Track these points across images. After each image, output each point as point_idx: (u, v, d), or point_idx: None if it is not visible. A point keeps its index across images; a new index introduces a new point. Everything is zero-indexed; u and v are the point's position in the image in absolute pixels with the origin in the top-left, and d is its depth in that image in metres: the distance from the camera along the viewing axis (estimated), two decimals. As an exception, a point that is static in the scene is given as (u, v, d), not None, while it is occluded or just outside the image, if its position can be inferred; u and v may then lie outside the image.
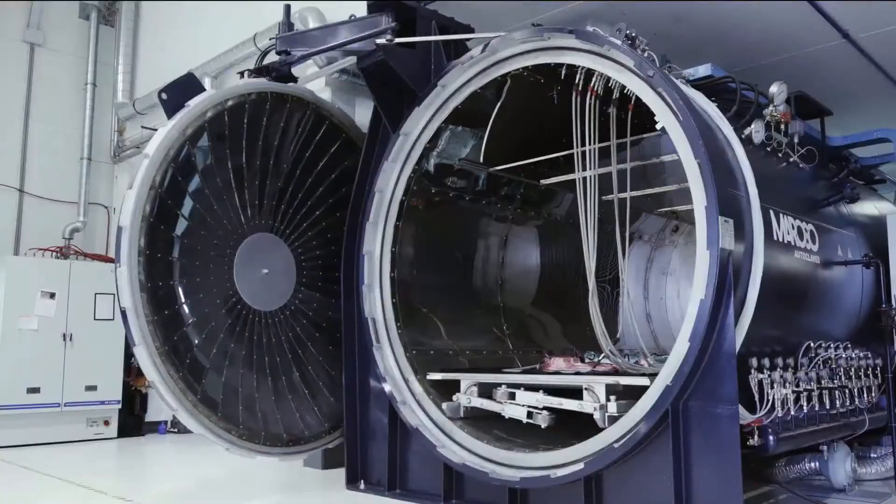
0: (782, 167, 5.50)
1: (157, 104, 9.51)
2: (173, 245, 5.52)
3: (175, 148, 5.44)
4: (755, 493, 5.41)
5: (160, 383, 5.19)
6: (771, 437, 4.43)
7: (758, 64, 7.50)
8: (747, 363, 4.50)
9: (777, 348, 4.98)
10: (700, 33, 6.99)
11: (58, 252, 9.54)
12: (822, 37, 7.00)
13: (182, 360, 5.37)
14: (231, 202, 5.76)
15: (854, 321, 6.03)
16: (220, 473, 6.94)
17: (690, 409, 4.17)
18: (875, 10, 6.48)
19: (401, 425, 5.58)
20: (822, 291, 5.58)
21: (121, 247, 5.18)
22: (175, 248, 5.52)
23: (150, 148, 5.30)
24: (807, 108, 6.42)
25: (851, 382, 5.40)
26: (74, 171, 10.18)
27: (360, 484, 5.85)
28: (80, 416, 9.11)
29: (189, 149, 5.51)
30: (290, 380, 5.95)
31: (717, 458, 4.05)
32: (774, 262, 4.78)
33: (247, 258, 5.81)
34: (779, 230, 4.89)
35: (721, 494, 4.01)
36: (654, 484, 4.23)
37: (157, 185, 5.35)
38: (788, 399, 4.57)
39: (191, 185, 5.59)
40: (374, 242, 5.94)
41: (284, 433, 5.80)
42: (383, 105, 5.93)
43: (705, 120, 4.68)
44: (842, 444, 5.51)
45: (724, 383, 4.05)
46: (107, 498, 5.75)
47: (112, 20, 10.75)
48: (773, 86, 5.20)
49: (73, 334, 9.07)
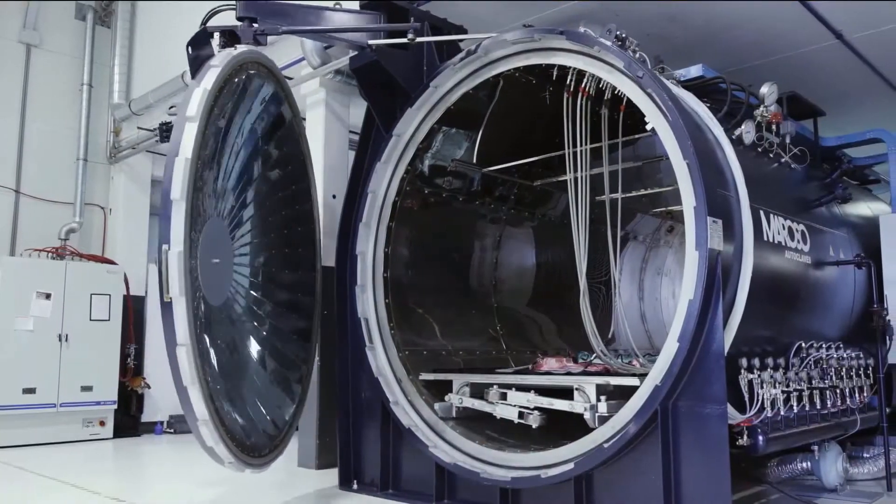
0: (773, 167, 5.51)
1: (153, 105, 9.61)
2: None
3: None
4: (746, 493, 5.42)
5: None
6: (760, 438, 4.44)
7: (752, 64, 7.51)
8: (737, 363, 4.51)
9: (768, 348, 4.99)
10: (694, 34, 6.98)
11: (53, 253, 9.54)
12: (816, 37, 6.99)
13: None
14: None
15: (846, 321, 6.04)
16: (215, 474, 6.95)
17: (679, 409, 4.18)
18: (868, 10, 6.48)
19: (393, 426, 5.59)
20: (814, 292, 5.58)
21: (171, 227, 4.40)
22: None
23: (191, 110, 4.55)
24: (799, 109, 6.44)
25: (843, 382, 5.41)
26: (70, 171, 10.17)
27: (353, 484, 5.86)
28: (75, 417, 9.11)
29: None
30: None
31: (706, 458, 4.05)
32: (764, 262, 4.79)
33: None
34: (769, 230, 4.90)
35: (710, 494, 4.02)
36: (644, 484, 4.24)
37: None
38: (778, 399, 4.57)
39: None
40: (366, 243, 5.94)
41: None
42: (376, 106, 5.93)
43: (695, 120, 4.69)
44: (833, 444, 5.52)
45: (713, 383, 4.06)
46: (101, 498, 5.75)
47: (108, 21, 10.75)
48: (763, 86, 5.21)
49: (68, 335, 9.07)
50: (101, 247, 10.47)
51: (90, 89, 10.37)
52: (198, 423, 4.44)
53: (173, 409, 10.18)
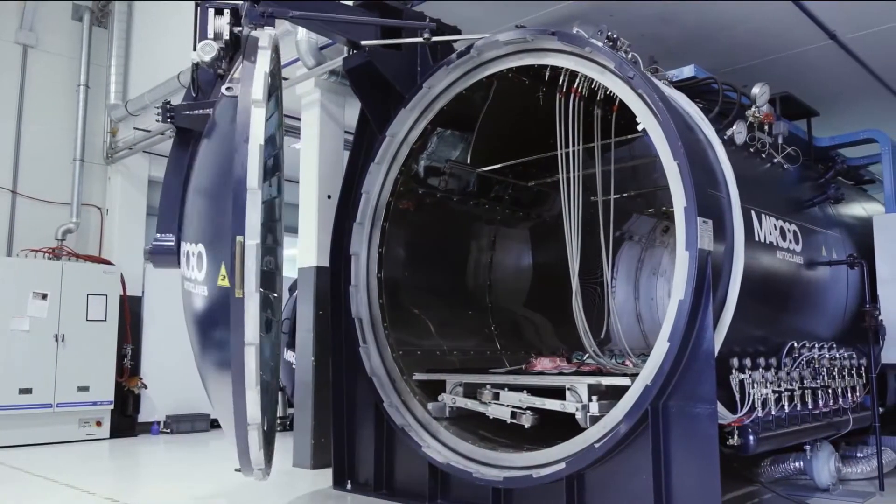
0: (766, 168, 5.52)
1: (150, 105, 9.60)
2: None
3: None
4: (739, 492, 5.43)
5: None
6: (751, 437, 4.45)
7: (746, 65, 7.52)
8: (728, 363, 4.52)
9: (760, 348, 5.00)
10: (688, 34, 6.99)
11: (50, 253, 9.56)
12: (810, 38, 6.99)
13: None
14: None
15: (839, 321, 6.05)
16: (210, 474, 6.97)
17: (670, 409, 4.19)
18: (862, 10, 6.49)
19: (387, 425, 5.60)
20: (806, 292, 5.60)
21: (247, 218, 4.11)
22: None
23: (256, 93, 4.30)
24: (793, 109, 6.45)
25: (835, 382, 5.42)
26: (67, 172, 10.19)
27: (347, 484, 5.87)
28: (72, 417, 9.12)
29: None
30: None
31: (697, 457, 4.06)
32: (756, 262, 4.80)
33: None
34: (760, 231, 4.91)
35: (700, 494, 4.03)
36: (635, 483, 4.25)
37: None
38: (769, 399, 4.59)
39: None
40: (360, 243, 5.95)
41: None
42: (369, 107, 5.95)
43: (686, 121, 4.70)
44: (826, 444, 5.53)
45: (703, 383, 4.06)
46: (95, 499, 5.76)
47: (105, 22, 10.77)
48: (755, 87, 5.22)
49: (65, 335, 9.08)
50: (99, 247, 10.47)
51: (87, 90, 10.39)
52: (248, 427, 4.25)
53: (170, 409, 10.22)
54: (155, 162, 10.72)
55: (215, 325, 4.29)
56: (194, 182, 4.61)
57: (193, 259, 4.32)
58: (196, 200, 4.54)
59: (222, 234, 4.17)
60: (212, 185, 4.43)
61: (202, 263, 4.26)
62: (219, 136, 4.45)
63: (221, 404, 4.42)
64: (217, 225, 4.26)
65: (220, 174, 4.33)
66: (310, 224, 7.26)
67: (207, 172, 4.50)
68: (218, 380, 4.36)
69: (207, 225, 4.38)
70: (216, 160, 4.44)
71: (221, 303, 4.15)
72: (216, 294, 4.19)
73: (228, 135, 4.29)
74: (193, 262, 4.32)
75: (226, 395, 4.24)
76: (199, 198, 4.52)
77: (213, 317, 4.27)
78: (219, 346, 4.27)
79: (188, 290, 4.40)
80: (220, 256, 4.17)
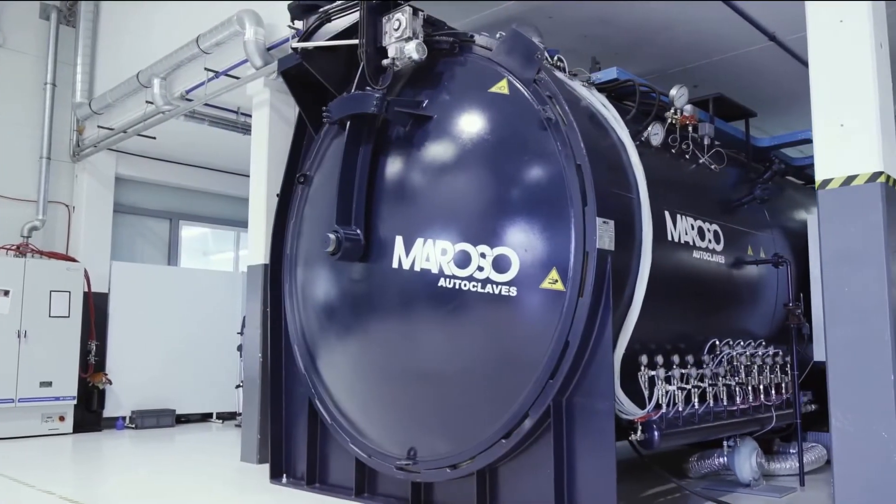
0: (689, 169, 5.60)
1: (114, 104, 9.70)
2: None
3: None
4: (659, 488, 5.53)
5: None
6: (656, 433, 4.54)
7: (690, 66, 7.60)
8: (637, 360, 4.61)
9: (680, 345, 5.10)
10: (630, 36, 7.06)
11: (14, 250, 9.66)
12: (750, 39, 7.07)
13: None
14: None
15: (769, 320, 6.14)
16: (169, 468, 7.07)
17: (574, 405, 4.29)
18: (799, 12, 6.54)
19: (319, 421, 5.71)
20: (730, 291, 5.68)
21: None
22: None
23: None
24: (728, 110, 6.51)
25: (756, 379, 5.51)
26: (34, 169, 10.28)
27: (283, 478, 5.97)
28: (34, 412, 9.23)
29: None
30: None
31: (595, 452, 4.16)
32: (667, 262, 4.89)
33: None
34: (674, 231, 5.00)
35: (598, 487, 4.13)
36: (541, 478, 4.35)
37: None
38: (677, 396, 4.68)
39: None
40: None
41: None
42: (305, 109, 6.02)
43: (598, 122, 4.78)
44: (748, 440, 5.62)
45: (601, 380, 4.16)
46: (55, 499, 5.76)
47: (72, 20, 10.85)
48: (673, 89, 5.30)
49: (27, 331, 9.19)
50: (66, 244, 10.57)
51: (53, 88, 10.47)
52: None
53: (136, 404, 10.33)
54: (122, 160, 10.83)
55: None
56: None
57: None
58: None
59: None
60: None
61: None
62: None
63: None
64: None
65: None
66: (259, 222, 7.36)
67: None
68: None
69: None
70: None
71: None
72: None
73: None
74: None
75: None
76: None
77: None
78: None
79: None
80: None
